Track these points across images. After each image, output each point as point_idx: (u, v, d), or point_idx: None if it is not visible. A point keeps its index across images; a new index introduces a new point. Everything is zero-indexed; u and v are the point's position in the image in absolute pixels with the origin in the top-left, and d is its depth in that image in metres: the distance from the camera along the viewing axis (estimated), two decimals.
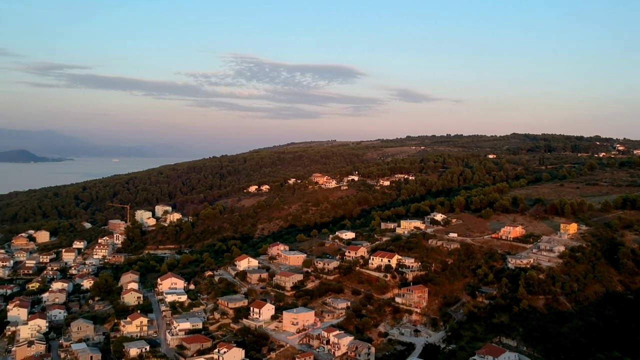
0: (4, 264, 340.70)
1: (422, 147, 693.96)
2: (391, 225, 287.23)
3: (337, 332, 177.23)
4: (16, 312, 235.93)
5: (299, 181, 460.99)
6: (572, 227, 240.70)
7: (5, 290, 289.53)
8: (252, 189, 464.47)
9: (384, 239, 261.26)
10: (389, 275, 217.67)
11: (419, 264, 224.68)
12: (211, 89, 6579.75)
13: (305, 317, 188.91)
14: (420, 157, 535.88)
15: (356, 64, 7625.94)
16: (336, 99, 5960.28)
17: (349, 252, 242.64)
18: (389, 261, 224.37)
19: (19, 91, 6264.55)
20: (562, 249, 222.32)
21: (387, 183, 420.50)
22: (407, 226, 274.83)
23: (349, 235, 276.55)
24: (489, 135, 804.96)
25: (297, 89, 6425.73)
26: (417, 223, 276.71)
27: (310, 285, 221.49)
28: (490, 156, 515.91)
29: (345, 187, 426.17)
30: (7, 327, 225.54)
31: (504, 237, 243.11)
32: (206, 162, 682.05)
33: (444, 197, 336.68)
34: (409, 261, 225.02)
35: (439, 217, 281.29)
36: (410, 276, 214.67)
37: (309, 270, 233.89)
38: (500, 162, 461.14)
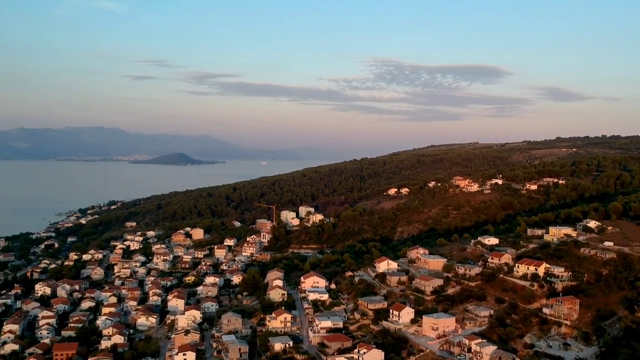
0: (165, 258, 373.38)
1: (574, 149, 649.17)
2: (538, 232, 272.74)
3: (479, 340, 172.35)
4: (175, 302, 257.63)
5: (439, 184, 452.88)
6: None
7: (166, 282, 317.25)
8: (392, 191, 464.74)
9: (531, 246, 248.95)
10: (535, 284, 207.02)
11: (570, 273, 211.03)
12: (352, 93, 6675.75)
13: (446, 322, 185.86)
14: (572, 160, 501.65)
15: (501, 63, 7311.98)
16: (479, 99, 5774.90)
17: (492, 258, 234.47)
18: (536, 269, 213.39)
19: (178, 99, 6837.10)
20: None
21: (534, 187, 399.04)
22: (556, 233, 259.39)
23: (492, 240, 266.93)
24: None
25: (437, 91, 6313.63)
26: (568, 230, 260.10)
27: (450, 291, 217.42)
28: None
29: (488, 191, 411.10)
30: (168, 315, 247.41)
31: None
32: (347, 165, 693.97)
33: (598, 202, 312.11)
34: (558, 270, 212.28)
35: (592, 224, 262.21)
36: (559, 286, 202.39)
37: (450, 275, 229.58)
38: None
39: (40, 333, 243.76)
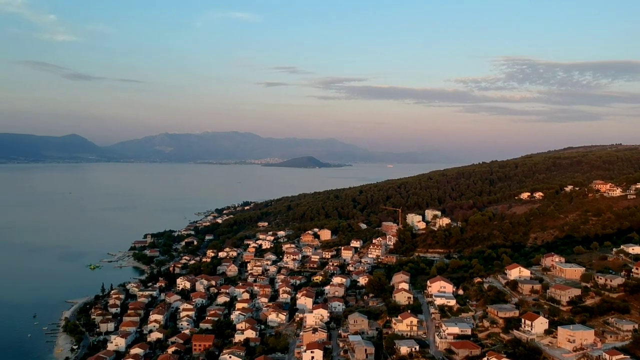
0: (295, 257, 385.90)
1: None
2: None
3: (621, 355, 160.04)
4: (303, 300, 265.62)
5: (577, 188, 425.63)
6: None
7: (295, 281, 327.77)
8: (524, 195, 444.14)
9: None
10: None
11: None
12: (481, 94, 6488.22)
13: (583, 335, 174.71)
14: None
15: None
16: (622, 98, 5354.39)
17: (636, 268, 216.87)
18: None
19: (307, 104, 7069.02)
20: None
21: None
22: None
23: (637, 249, 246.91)
24: None
25: (574, 90, 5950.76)
26: None
27: (589, 302, 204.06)
28: None
29: (632, 196, 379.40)
30: (296, 313, 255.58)
31: None
32: (475, 168, 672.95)
33: None
34: None
35: None
36: None
37: (588, 285, 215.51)
38: None
39: (181, 324, 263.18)
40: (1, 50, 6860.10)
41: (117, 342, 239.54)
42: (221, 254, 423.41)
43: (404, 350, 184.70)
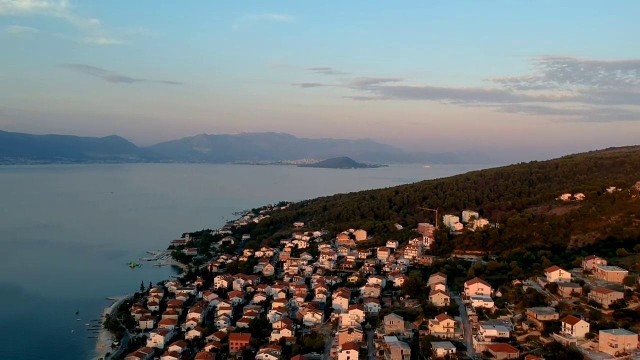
0: (330, 257, 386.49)
1: None
2: None
3: None
4: (339, 301, 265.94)
5: (619, 189, 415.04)
6: None
7: (331, 281, 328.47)
8: (565, 196, 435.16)
9: None
10: None
11: None
12: (520, 93, 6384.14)
13: (627, 340, 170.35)
14: None
15: None
16: None
17: None
18: None
19: (342, 105, 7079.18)
20: None
21: None
22: None
23: None
24: None
25: (617, 89, 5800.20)
26: None
27: (632, 306, 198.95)
28: None
29: None
30: (332, 313, 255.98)
31: None
32: (514, 168, 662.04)
33: None
34: None
35: None
36: None
37: (631, 288, 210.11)
38: None
39: (218, 322, 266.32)
40: (47, 55, 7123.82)
41: (156, 339, 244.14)
42: (258, 254, 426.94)
43: (440, 352, 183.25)
